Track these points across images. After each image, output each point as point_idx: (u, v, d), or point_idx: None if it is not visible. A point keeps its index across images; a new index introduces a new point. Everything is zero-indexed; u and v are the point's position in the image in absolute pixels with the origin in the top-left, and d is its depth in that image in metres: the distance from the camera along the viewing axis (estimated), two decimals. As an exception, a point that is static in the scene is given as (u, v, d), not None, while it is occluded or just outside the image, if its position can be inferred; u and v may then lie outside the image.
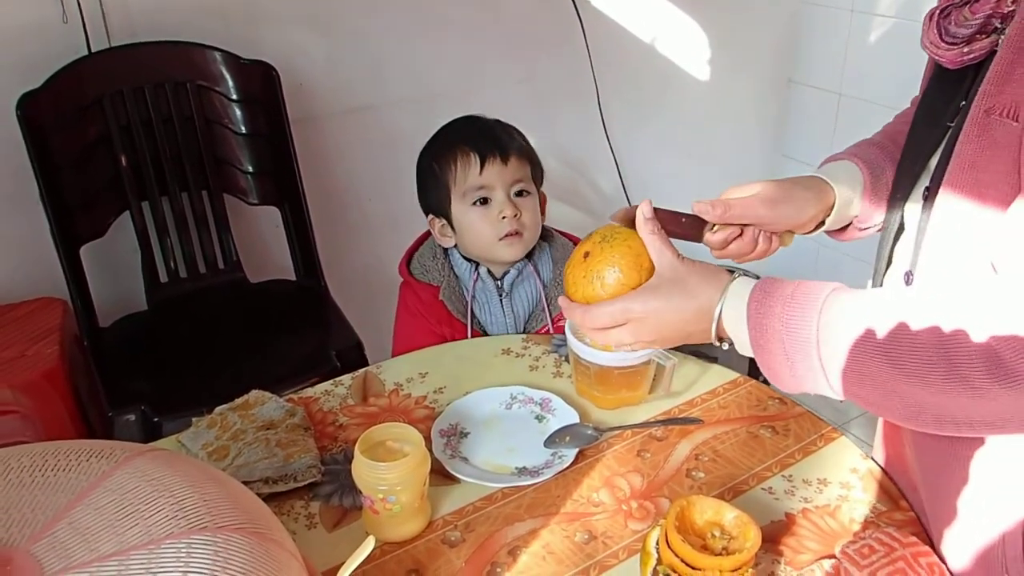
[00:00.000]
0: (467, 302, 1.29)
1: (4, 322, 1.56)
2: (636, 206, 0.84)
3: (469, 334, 1.29)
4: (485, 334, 1.32)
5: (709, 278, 0.78)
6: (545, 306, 1.31)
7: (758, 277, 0.78)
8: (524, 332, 1.32)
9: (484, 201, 1.26)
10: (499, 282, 1.31)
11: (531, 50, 2.15)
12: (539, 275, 1.32)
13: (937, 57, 0.76)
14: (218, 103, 1.70)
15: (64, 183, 1.55)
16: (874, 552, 0.77)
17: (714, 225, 0.88)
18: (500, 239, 1.25)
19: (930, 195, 0.75)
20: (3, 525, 0.54)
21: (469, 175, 1.25)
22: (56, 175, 1.53)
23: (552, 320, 1.30)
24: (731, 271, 0.80)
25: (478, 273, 1.31)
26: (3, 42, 1.56)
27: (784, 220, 0.90)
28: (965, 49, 0.73)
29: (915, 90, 1.04)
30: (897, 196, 0.84)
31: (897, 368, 0.66)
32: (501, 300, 1.31)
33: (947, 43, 0.74)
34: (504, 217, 1.24)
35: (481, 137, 1.26)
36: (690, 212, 0.87)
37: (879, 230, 0.96)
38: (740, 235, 0.89)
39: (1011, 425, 0.65)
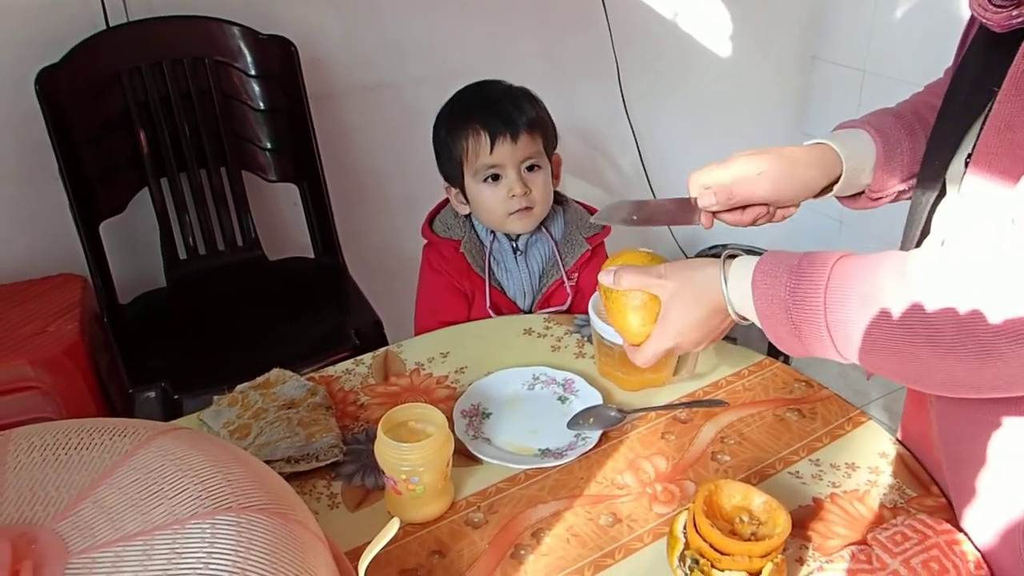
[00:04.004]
0: (486, 256, 1.32)
1: (25, 298, 1.56)
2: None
3: (487, 288, 1.30)
4: (502, 290, 1.33)
5: (698, 279, 0.82)
6: (558, 259, 1.33)
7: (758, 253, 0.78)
8: (539, 287, 1.34)
9: (495, 178, 1.27)
10: (514, 242, 1.34)
11: (551, 26, 2.12)
12: (551, 235, 1.34)
13: (985, 20, 0.73)
14: (236, 79, 1.69)
15: (83, 159, 1.54)
16: (907, 539, 0.75)
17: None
18: (510, 214, 1.27)
19: (971, 161, 0.73)
20: (28, 504, 0.53)
21: (480, 153, 1.25)
22: (75, 151, 1.52)
23: (566, 273, 1.32)
24: (718, 254, 0.81)
25: (495, 235, 1.33)
26: (21, 17, 1.55)
27: (788, 199, 0.90)
28: (1015, 12, 0.71)
29: (940, 67, 1.01)
30: (935, 162, 0.82)
31: (907, 331, 0.66)
32: (516, 258, 1.34)
33: (996, 5, 0.72)
34: (514, 195, 1.25)
35: (491, 113, 1.25)
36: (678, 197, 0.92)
37: (893, 200, 0.95)
38: (741, 210, 0.91)
39: (1018, 386, 0.65)
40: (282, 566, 0.54)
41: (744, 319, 0.80)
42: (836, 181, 0.91)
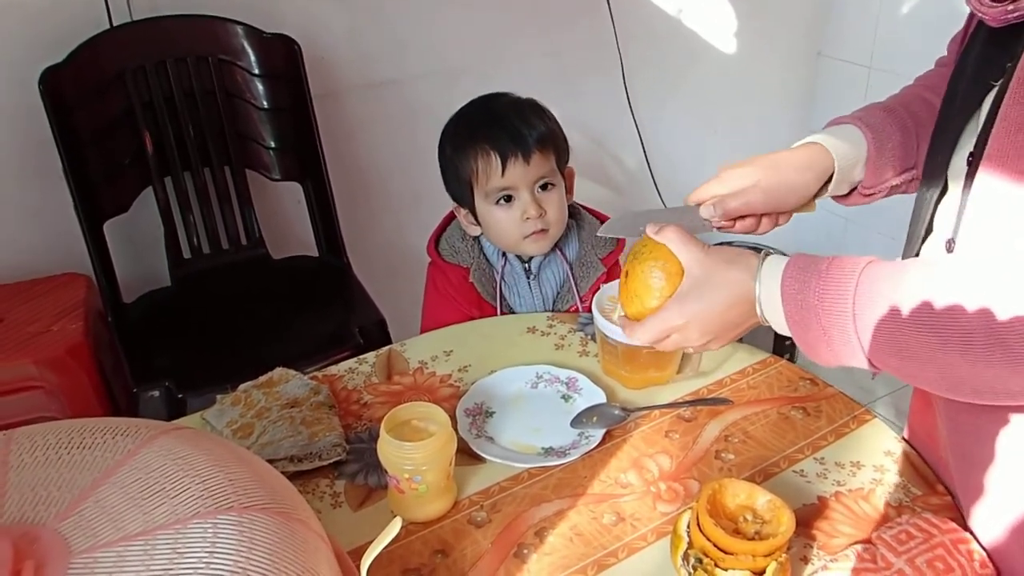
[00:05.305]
0: (496, 284, 1.28)
1: (29, 297, 1.56)
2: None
3: (499, 315, 1.27)
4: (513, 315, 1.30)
5: (737, 264, 0.78)
6: (572, 285, 1.29)
7: (784, 254, 0.77)
8: (552, 312, 1.30)
9: (508, 199, 1.22)
10: (527, 265, 1.30)
11: (555, 23, 2.12)
12: (565, 257, 1.30)
13: (980, 14, 0.73)
14: (240, 77, 1.69)
15: (87, 158, 1.54)
16: (912, 538, 0.75)
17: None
18: (525, 237, 1.23)
19: (974, 160, 0.73)
20: (30, 503, 0.53)
21: (491, 176, 1.20)
22: (79, 150, 1.52)
23: (580, 299, 1.29)
24: (758, 250, 0.80)
25: (506, 258, 1.29)
26: (26, 16, 1.55)
27: (783, 206, 0.90)
28: (1010, 7, 0.70)
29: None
30: (937, 158, 0.81)
31: (936, 337, 0.65)
32: (529, 282, 1.30)
33: (992, 0, 0.71)
34: (528, 218, 1.22)
35: (500, 132, 1.20)
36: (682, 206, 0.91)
37: (886, 195, 0.95)
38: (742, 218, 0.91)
39: None
40: (284, 566, 0.54)
41: (767, 321, 0.78)
42: (830, 180, 0.91)
